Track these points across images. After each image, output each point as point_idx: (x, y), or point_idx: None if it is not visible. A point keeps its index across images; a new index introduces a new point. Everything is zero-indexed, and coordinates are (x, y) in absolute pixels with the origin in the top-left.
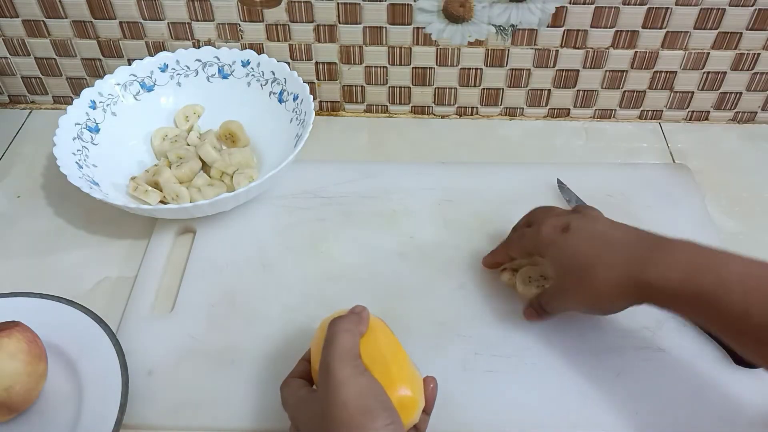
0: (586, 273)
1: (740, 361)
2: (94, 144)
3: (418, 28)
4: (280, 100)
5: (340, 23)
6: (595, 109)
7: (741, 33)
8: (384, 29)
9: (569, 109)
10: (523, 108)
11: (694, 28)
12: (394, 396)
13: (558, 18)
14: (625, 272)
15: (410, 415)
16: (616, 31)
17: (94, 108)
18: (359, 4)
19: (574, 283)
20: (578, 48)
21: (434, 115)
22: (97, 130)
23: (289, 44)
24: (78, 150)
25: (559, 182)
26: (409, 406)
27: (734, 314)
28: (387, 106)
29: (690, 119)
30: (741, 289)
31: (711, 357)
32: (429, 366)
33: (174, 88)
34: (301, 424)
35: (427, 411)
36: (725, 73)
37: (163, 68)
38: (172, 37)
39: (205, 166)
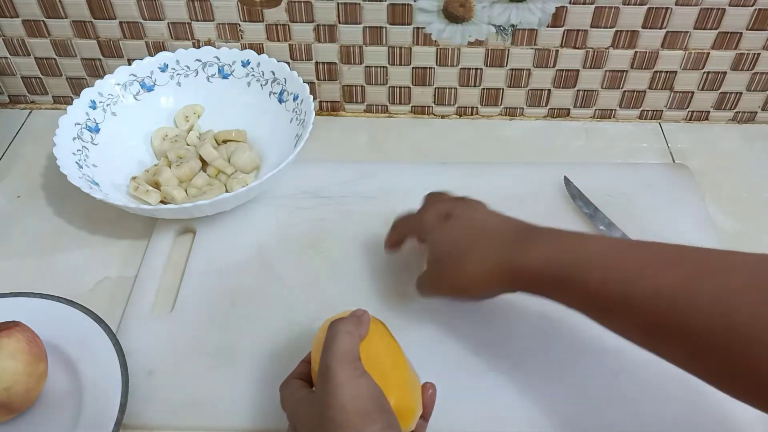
0: (461, 260)
1: None
2: (94, 144)
3: (418, 28)
4: (280, 100)
5: (340, 23)
6: (595, 109)
7: (741, 33)
8: (384, 29)
9: (569, 109)
10: (523, 108)
11: (694, 28)
12: (391, 403)
13: (558, 18)
14: (495, 260)
15: (406, 422)
16: (616, 31)
17: (94, 108)
18: (359, 4)
19: (448, 269)
20: (578, 48)
21: (434, 115)
22: (97, 130)
23: (289, 44)
24: (78, 150)
25: (566, 179)
26: (405, 414)
27: (593, 290)
28: (387, 106)
29: (690, 119)
30: (599, 264)
31: None
32: (428, 366)
33: (174, 88)
34: (298, 424)
35: (425, 417)
36: (725, 73)
37: (163, 68)
38: (172, 37)
39: (206, 166)
